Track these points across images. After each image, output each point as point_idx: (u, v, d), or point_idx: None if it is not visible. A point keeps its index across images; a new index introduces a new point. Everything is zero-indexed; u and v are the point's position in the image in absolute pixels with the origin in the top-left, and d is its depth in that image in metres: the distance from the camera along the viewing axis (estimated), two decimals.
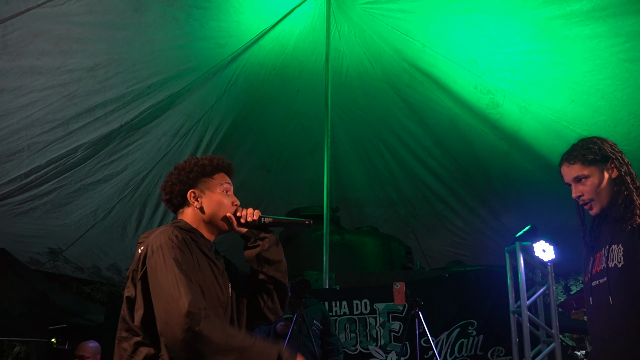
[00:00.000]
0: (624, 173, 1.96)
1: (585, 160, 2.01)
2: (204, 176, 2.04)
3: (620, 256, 1.92)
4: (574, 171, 2.03)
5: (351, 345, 5.09)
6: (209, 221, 2.02)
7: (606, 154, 1.99)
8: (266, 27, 5.65)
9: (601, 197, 2.00)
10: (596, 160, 2.00)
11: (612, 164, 1.98)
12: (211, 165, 2.07)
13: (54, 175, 5.58)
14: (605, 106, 5.00)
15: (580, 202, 2.05)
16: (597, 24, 4.45)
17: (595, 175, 1.99)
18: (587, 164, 2.00)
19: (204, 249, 1.97)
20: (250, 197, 7.09)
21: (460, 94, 5.69)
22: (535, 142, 5.69)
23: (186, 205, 2.03)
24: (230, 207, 2.04)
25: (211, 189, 2.04)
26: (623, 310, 1.91)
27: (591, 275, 2.07)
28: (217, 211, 2.01)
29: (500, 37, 5.04)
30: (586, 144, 2.03)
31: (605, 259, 1.98)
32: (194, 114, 6.01)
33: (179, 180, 2.03)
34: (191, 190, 2.02)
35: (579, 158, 2.01)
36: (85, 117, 5.15)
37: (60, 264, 6.73)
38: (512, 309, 4.92)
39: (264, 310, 2.09)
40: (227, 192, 2.07)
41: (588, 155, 2.00)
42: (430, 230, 7.44)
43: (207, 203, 2.01)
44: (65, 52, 4.60)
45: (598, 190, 1.99)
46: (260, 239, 2.06)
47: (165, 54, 5.17)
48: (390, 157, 6.84)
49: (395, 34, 5.58)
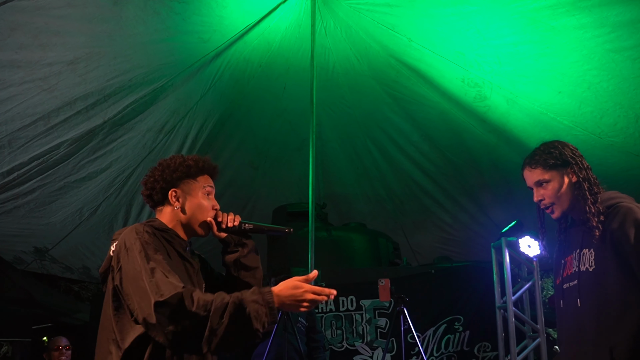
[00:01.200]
0: (582, 179, 2.00)
1: (546, 165, 2.05)
2: (188, 177, 2.03)
3: (592, 260, 1.93)
4: (535, 175, 2.07)
5: (337, 342, 5.03)
6: (187, 223, 2.00)
7: (566, 159, 2.03)
8: (251, 23, 5.58)
9: (562, 201, 2.05)
10: (557, 165, 2.04)
11: (571, 169, 2.02)
12: (197, 166, 2.07)
13: (37, 173, 5.50)
14: (591, 97, 4.95)
15: (541, 206, 2.09)
16: (583, 14, 4.40)
17: (556, 180, 2.04)
18: (548, 168, 2.05)
19: (179, 249, 1.94)
20: (238, 195, 7.03)
21: (448, 88, 5.63)
22: (523, 134, 5.64)
23: (166, 204, 2.01)
24: (211, 212, 2.04)
25: (193, 191, 2.03)
26: (591, 314, 1.91)
27: (562, 278, 2.09)
28: (196, 214, 2.00)
29: (488, 29, 4.98)
30: (547, 148, 2.07)
31: (576, 262, 2.00)
32: (179, 110, 5.95)
33: (162, 178, 2.01)
34: (173, 189, 2.00)
35: (540, 163, 2.06)
36: (66, 110, 5.07)
37: (48, 264, 6.64)
38: (498, 305, 4.88)
39: None
40: (209, 196, 2.07)
41: (549, 160, 2.05)
42: (418, 226, 7.38)
43: (188, 205, 2.00)
44: (45, 46, 4.53)
45: (559, 194, 2.04)
46: (240, 245, 2.07)
47: (146, 47, 5.10)
48: (378, 154, 6.78)
49: (381, 29, 5.52)
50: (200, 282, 1.99)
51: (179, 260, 1.91)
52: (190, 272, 1.94)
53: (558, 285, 2.11)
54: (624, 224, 1.86)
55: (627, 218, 1.86)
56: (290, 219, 6.33)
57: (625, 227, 1.84)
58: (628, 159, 5.45)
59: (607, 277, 1.86)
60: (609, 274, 1.86)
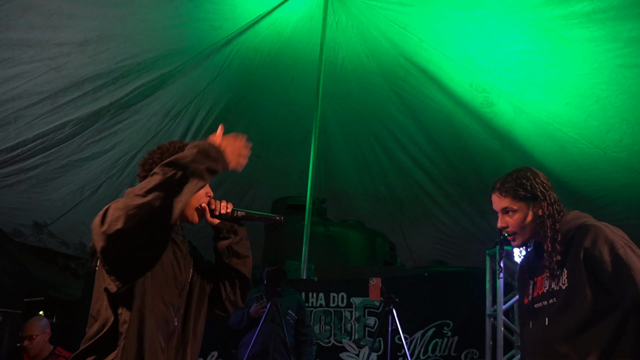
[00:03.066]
0: (547, 215, 2.05)
1: (516, 195, 2.09)
2: None
3: (565, 279, 1.98)
4: (504, 203, 2.11)
5: (325, 337, 5.07)
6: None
7: (536, 193, 2.07)
8: (262, 13, 5.58)
9: (524, 232, 2.10)
10: (526, 197, 2.08)
11: (539, 204, 2.07)
12: None
13: (41, 150, 5.54)
14: (598, 111, 4.91)
15: (504, 232, 2.14)
16: (597, 27, 4.35)
17: (523, 212, 2.09)
18: (517, 199, 2.09)
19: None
20: (239, 183, 7.06)
21: (455, 91, 5.60)
22: (528, 144, 5.61)
23: None
24: (204, 198, 2.04)
25: None
26: (561, 331, 1.96)
27: (533, 298, 2.13)
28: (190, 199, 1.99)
29: (500, 35, 4.94)
30: (520, 179, 2.10)
31: (548, 282, 2.05)
32: (186, 96, 5.96)
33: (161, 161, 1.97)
34: None
35: (510, 193, 2.09)
36: (74, 91, 5.10)
37: (45, 237, 6.71)
38: (488, 313, 4.88)
39: (224, 302, 2.10)
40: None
41: (520, 191, 2.08)
42: (417, 227, 7.39)
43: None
44: (56, 27, 4.56)
45: (523, 225, 2.09)
46: (232, 232, 2.08)
47: (157, 33, 5.12)
48: (381, 152, 6.77)
49: (393, 28, 5.50)
50: (187, 266, 2.01)
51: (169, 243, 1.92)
52: (178, 255, 1.97)
53: (527, 304, 2.15)
54: (596, 242, 1.92)
55: (599, 236, 1.93)
56: (289, 212, 6.35)
57: (598, 244, 1.91)
58: (632, 175, 5.41)
59: (580, 294, 1.92)
60: (582, 290, 1.92)
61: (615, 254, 1.87)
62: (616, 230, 1.97)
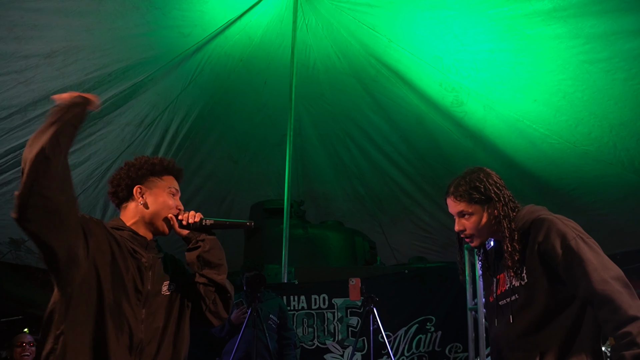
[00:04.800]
0: (503, 216, 2.06)
1: (471, 199, 2.09)
2: (152, 175, 2.08)
3: (524, 275, 2.01)
4: (459, 207, 2.12)
5: (308, 340, 5.10)
6: (150, 220, 2.04)
7: (490, 195, 2.08)
8: (232, 18, 5.57)
9: (481, 234, 2.12)
10: (481, 200, 2.09)
11: (494, 205, 2.08)
12: (161, 165, 2.11)
13: (12, 165, 5.46)
14: (566, 106, 5.02)
15: (462, 235, 2.17)
16: (559, 24, 4.45)
17: (478, 214, 2.09)
18: (472, 203, 2.09)
19: (132, 246, 1.98)
20: (217, 189, 7.05)
21: (426, 91, 5.67)
22: (499, 141, 5.70)
23: (131, 200, 2.05)
24: (174, 210, 2.08)
25: (158, 188, 2.07)
26: (523, 325, 1.99)
27: (497, 296, 2.16)
28: (159, 211, 2.05)
29: (465, 35, 5.03)
30: (473, 181, 2.11)
31: (509, 279, 2.07)
32: (159, 104, 5.93)
33: (128, 176, 2.06)
34: (138, 185, 2.04)
35: (465, 197, 2.10)
36: (44, 104, 5.02)
37: (22, 254, 6.61)
38: (470, 306, 4.96)
39: (206, 314, 2.10)
40: (174, 196, 2.11)
41: (474, 194, 2.09)
42: (397, 225, 7.45)
43: (152, 201, 2.05)
44: (20, 39, 4.49)
45: (479, 227, 2.10)
46: (200, 240, 2.09)
47: (126, 42, 5.08)
48: (357, 152, 6.82)
49: (362, 28, 5.54)
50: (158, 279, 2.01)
51: (128, 256, 1.93)
52: (141, 267, 1.97)
53: (492, 302, 2.19)
54: (549, 235, 1.94)
55: (551, 229, 1.95)
56: (268, 216, 6.36)
57: (551, 238, 1.93)
58: (602, 167, 5.53)
59: (538, 288, 1.95)
60: (540, 284, 1.95)
61: (566, 246, 1.89)
62: (568, 222, 1.98)
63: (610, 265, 1.88)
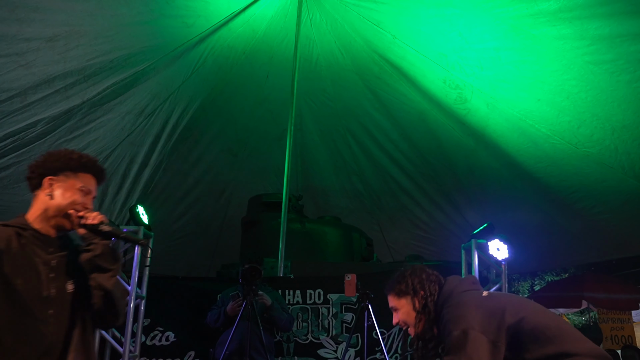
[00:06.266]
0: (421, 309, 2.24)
1: (399, 293, 2.30)
2: (67, 169, 2.04)
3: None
4: (390, 301, 2.34)
5: (302, 334, 5.07)
6: (54, 214, 2.01)
7: (415, 289, 2.27)
8: (236, 10, 5.55)
9: (413, 324, 2.29)
10: (407, 293, 2.28)
11: (418, 297, 2.26)
12: (79, 162, 2.07)
13: (11, 150, 5.40)
14: (570, 107, 5.00)
15: (401, 326, 2.35)
16: (564, 25, 4.44)
17: (405, 307, 2.29)
18: (399, 296, 2.30)
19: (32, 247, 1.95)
20: (216, 182, 7.02)
21: (429, 88, 5.65)
22: (502, 140, 5.68)
23: (41, 189, 2.03)
24: (79, 207, 2.03)
25: (69, 184, 2.03)
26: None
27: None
28: (64, 205, 2.01)
29: (470, 33, 5.01)
30: (398, 278, 2.33)
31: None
32: (160, 94, 5.89)
33: (43, 165, 2.04)
34: (50, 177, 2.02)
35: (393, 291, 2.32)
36: (44, 88, 4.99)
37: None
38: None
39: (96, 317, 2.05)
40: (85, 195, 2.06)
41: (400, 288, 2.29)
42: (395, 223, 7.43)
43: (59, 194, 2.01)
44: (22, 21, 4.45)
45: (409, 319, 2.29)
46: (94, 243, 2.03)
47: (129, 29, 5.04)
48: (357, 148, 6.80)
49: (366, 25, 5.53)
50: (61, 279, 1.98)
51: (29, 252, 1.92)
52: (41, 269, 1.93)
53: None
54: (447, 322, 2.08)
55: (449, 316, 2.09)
56: (266, 209, 6.33)
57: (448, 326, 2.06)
58: (603, 170, 5.51)
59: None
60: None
61: (450, 335, 2.02)
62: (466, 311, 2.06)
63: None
